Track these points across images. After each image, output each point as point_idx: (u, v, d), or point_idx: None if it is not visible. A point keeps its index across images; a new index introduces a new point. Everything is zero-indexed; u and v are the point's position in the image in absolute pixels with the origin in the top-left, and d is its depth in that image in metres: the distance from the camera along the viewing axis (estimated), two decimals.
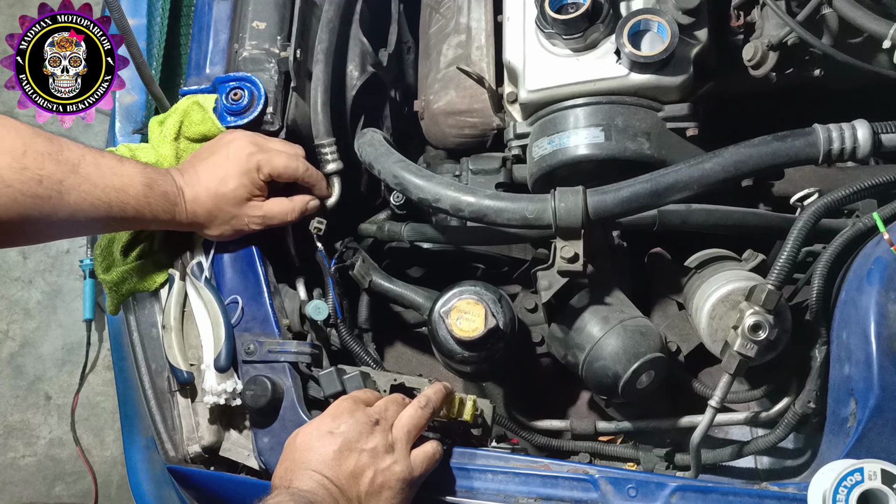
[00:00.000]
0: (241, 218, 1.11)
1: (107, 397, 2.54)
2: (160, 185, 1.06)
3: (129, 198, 1.03)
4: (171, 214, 1.08)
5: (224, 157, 1.12)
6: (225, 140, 1.14)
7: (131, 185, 1.03)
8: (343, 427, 0.93)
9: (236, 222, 1.12)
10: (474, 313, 1.06)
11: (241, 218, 1.11)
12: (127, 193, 1.02)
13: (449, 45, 1.39)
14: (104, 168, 1.01)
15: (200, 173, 1.10)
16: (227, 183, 1.10)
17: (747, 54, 1.15)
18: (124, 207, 1.02)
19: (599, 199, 1.00)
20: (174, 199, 1.08)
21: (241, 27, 1.26)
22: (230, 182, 1.10)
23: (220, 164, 1.11)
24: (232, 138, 1.14)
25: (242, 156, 1.11)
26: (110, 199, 1.01)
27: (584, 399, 1.28)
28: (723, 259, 1.16)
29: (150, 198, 1.05)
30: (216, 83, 1.21)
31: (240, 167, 1.11)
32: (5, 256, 2.71)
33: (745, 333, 0.95)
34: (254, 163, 1.11)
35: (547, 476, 0.98)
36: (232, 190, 1.10)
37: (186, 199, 1.09)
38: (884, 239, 0.93)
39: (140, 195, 1.04)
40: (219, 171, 1.10)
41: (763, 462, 1.20)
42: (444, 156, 1.44)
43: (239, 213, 1.11)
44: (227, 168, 1.11)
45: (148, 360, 1.16)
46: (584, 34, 1.11)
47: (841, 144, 0.98)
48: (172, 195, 1.07)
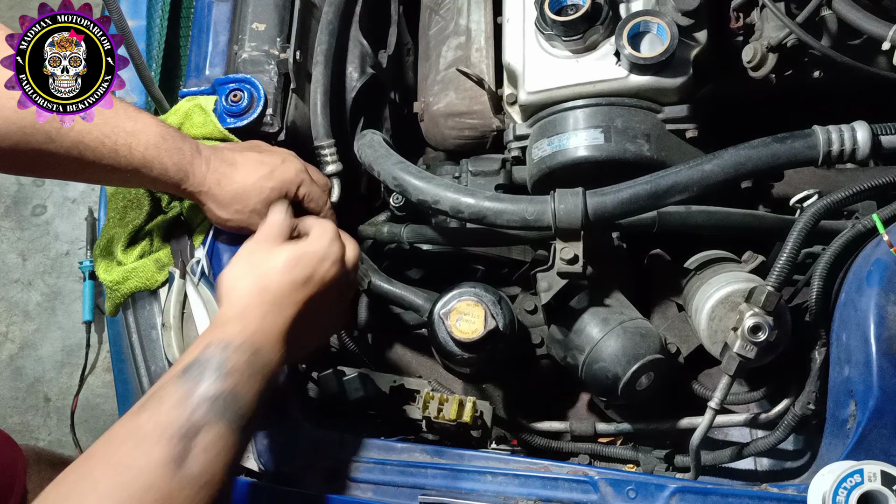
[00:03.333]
0: (260, 214, 1.08)
1: (106, 399, 2.53)
2: (176, 140, 1.03)
3: (139, 143, 0.99)
4: (183, 173, 1.04)
5: (277, 159, 1.12)
6: (275, 148, 1.16)
7: (144, 131, 1.00)
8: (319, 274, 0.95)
9: (253, 216, 1.09)
10: (474, 315, 1.06)
11: (260, 214, 1.08)
12: (136, 138, 0.99)
13: (448, 47, 1.39)
14: (119, 107, 0.98)
15: (241, 161, 1.09)
16: (269, 181, 1.08)
17: (747, 56, 1.15)
18: (131, 152, 0.99)
19: (599, 200, 1.00)
20: (190, 158, 1.04)
21: (241, 29, 1.26)
22: (272, 181, 1.09)
23: (269, 162, 1.11)
24: (283, 150, 1.16)
25: (293, 168, 1.12)
26: (117, 138, 0.97)
27: (584, 400, 1.28)
28: (722, 260, 1.16)
29: (162, 148, 1.01)
30: (216, 85, 1.21)
31: (286, 175, 1.10)
32: (5, 258, 2.72)
33: (745, 335, 0.95)
34: (299, 178, 1.12)
35: (546, 478, 0.98)
36: (269, 188, 1.08)
37: (211, 168, 1.06)
38: (883, 240, 0.93)
39: (151, 143, 1.00)
40: (264, 167, 1.10)
41: (763, 463, 1.19)
42: (443, 157, 1.44)
43: (261, 210, 1.08)
44: (275, 170, 1.10)
45: (147, 362, 1.15)
46: (584, 36, 1.11)
47: (840, 146, 0.98)
48: (189, 153, 1.04)
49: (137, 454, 0.75)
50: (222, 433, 0.79)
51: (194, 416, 0.78)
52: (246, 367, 0.84)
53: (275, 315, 0.90)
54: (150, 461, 0.75)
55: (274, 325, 0.89)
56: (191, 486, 0.75)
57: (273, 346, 0.88)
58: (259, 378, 0.85)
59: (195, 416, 0.78)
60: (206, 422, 0.78)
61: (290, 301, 0.91)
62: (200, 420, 0.78)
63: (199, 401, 0.79)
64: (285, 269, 0.93)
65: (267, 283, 0.91)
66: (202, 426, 0.78)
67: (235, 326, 0.87)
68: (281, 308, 0.90)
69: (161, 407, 0.79)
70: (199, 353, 0.84)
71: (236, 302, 0.90)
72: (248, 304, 0.89)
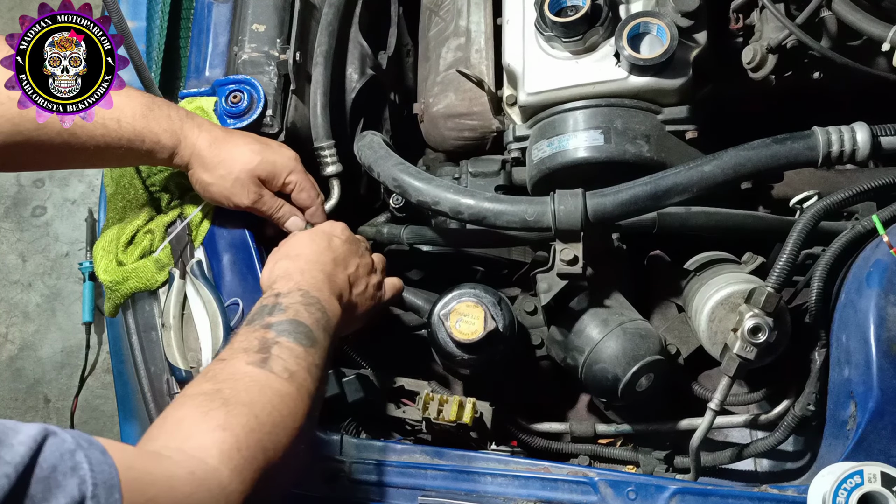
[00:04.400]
0: (243, 185, 1.10)
1: (106, 400, 2.53)
2: (163, 108, 1.05)
3: (126, 115, 1.01)
4: (175, 137, 1.06)
5: (271, 142, 1.16)
6: (274, 141, 1.19)
7: (129, 104, 1.02)
8: (336, 242, 1.07)
9: (236, 185, 1.10)
10: (474, 316, 1.06)
11: (243, 185, 1.10)
12: (123, 111, 1.00)
13: (448, 48, 1.39)
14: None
15: (237, 133, 1.14)
16: (260, 154, 1.11)
17: (746, 57, 1.15)
18: (120, 125, 1.01)
19: (599, 201, 1.00)
20: (180, 123, 1.06)
21: (241, 30, 1.26)
22: (263, 156, 1.12)
23: (265, 141, 1.15)
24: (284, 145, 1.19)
25: (287, 153, 1.16)
26: (104, 115, 0.99)
27: (584, 402, 1.28)
28: (722, 261, 1.16)
29: (150, 117, 1.03)
30: (215, 86, 1.21)
31: (278, 157, 1.14)
32: (4, 260, 2.71)
33: (745, 336, 0.95)
34: (291, 164, 1.14)
35: (546, 479, 0.98)
36: (259, 161, 1.11)
37: (203, 131, 1.08)
38: (883, 241, 0.93)
39: (138, 114, 1.02)
40: (258, 144, 1.13)
41: (763, 465, 1.19)
42: (443, 158, 1.44)
43: (245, 181, 1.10)
44: (268, 148, 1.14)
45: (147, 363, 1.15)
46: (584, 37, 1.11)
47: (840, 147, 0.98)
48: (177, 118, 1.06)
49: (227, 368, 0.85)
50: (291, 346, 0.88)
51: (266, 336, 0.88)
52: (300, 303, 0.94)
53: (312, 271, 1.01)
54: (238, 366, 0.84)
55: (313, 276, 1.00)
56: (280, 381, 0.84)
57: (319, 288, 0.99)
58: (314, 310, 0.94)
59: (266, 336, 0.88)
60: (276, 339, 0.88)
61: (320, 261, 1.03)
62: (271, 338, 0.88)
63: (265, 329, 0.90)
64: (307, 243, 1.06)
65: (297, 254, 1.04)
66: (273, 342, 0.88)
67: (282, 283, 0.98)
68: (314, 265, 1.02)
69: (233, 343, 0.89)
70: (258, 307, 0.95)
71: (278, 273, 1.01)
72: (287, 270, 1.01)
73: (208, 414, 0.77)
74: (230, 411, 0.77)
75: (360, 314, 1.08)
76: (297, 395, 0.84)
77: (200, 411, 0.77)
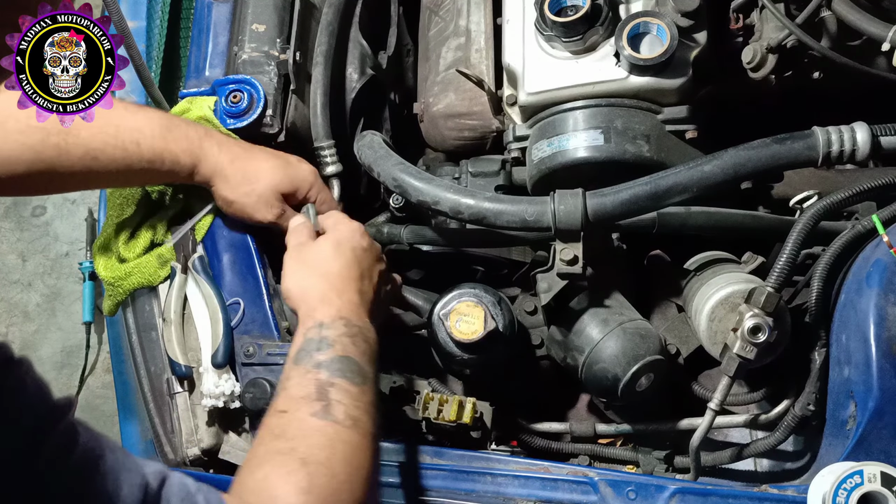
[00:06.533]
0: (267, 202, 1.10)
1: (106, 400, 2.53)
2: (181, 128, 1.06)
3: (145, 137, 1.02)
4: (195, 157, 1.06)
5: (291, 157, 1.16)
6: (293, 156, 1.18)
7: (148, 125, 1.03)
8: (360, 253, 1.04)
9: (259, 202, 1.10)
10: (474, 315, 1.06)
11: (267, 202, 1.10)
12: (142, 133, 1.02)
13: (448, 48, 1.39)
14: (119, 107, 1.01)
15: (257, 148, 1.13)
16: (282, 171, 1.12)
17: (746, 57, 1.15)
18: (140, 147, 1.02)
19: (599, 201, 1.00)
20: (199, 142, 1.07)
21: (241, 30, 1.26)
22: (285, 172, 1.12)
23: (285, 157, 1.15)
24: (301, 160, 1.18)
25: (308, 167, 1.16)
26: (123, 136, 1.00)
27: (584, 401, 1.28)
28: (722, 261, 1.16)
29: (169, 138, 1.04)
30: (215, 85, 1.21)
31: (300, 172, 1.14)
32: (4, 259, 2.71)
33: (745, 336, 0.95)
34: (311, 179, 1.15)
35: (546, 478, 0.98)
36: (281, 178, 1.11)
37: (223, 149, 1.08)
38: (883, 241, 0.93)
39: (157, 135, 1.03)
40: (279, 160, 1.13)
41: (763, 464, 1.19)
42: (443, 158, 1.44)
43: (268, 198, 1.10)
44: (290, 164, 1.14)
45: (147, 363, 1.15)
46: (584, 37, 1.11)
47: (840, 147, 0.98)
48: (197, 137, 1.07)
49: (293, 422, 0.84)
50: (347, 387, 0.88)
51: (319, 378, 0.88)
52: (345, 335, 0.93)
53: (347, 291, 0.99)
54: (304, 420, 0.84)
55: (350, 299, 0.98)
56: (346, 432, 0.84)
57: (358, 313, 0.98)
58: (359, 341, 0.94)
59: (320, 378, 0.88)
60: (330, 381, 0.87)
61: (350, 276, 1.01)
62: (326, 381, 0.87)
63: (317, 369, 0.89)
64: (335, 256, 1.02)
65: (327, 270, 1.00)
66: (329, 385, 0.87)
67: (322, 311, 0.96)
68: (348, 283, 1.00)
69: (290, 390, 0.88)
70: (302, 342, 0.93)
71: (314, 295, 0.98)
72: (323, 291, 0.98)
73: (290, 475, 0.78)
74: (311, 472, 0.79)
75: (379, 320, 1.07)
76: (364, 442, 0.86)
77: (284, 471, 0.79)
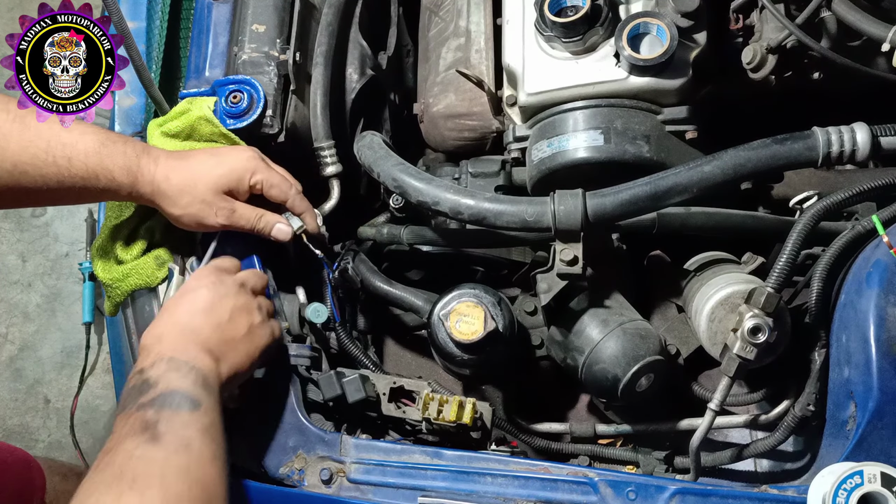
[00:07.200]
0: (210, 205, 1.06)
1: (106, 400, 2.53)
2: (118, 144, 1.01)
3: (78, 153, 0.98)
4: (132, 175, 1.02)
5: (226, 150, 1.12)
6: (233, 145, 1.15)
7: (81, 140, 0.98)
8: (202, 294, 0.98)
9: (203, 208, 1.06)
10: (473, 316, 1.06)
11: (210, 205, 1.06)
12: (75, 148, 0.97)
13: (448, 49, 1.39)
14: (53, 121, 0.96)
15: (192, 154, 1.09)
16: (217, 168, 1.07)
17: (746, 57, 1.15)
18: (71, 163, 0.97)
19: (599, 201, 1.00)
20: (136, 159, 1.02)
21: (241, 30, 1.26)
22: (220, 168, 1.07)
23: (219, 152, 1.11)
24: (241, 146, 1.15)
25: (244, 156, 1.11)
26: (55, 151, 0.96)
27: (584, 402, 1.28)
28: (722, 262, 1.16)
29: (104, 154, 0.99)
30: (215, 86, 1.21)
31: (236, 162, 1.09)
32: (4, 260, 2.71)
33: (745, 336, 0.95)
34: (252, 165, 1.10)
35: (546, 479, 0.98)
36: (217, 175, 1.07)
37: (159, 165, 1.04)
38: (883, 242, 0.93)
39: (91, 151, 0.98)
40: (213, 158, 1.09)
41: (762, 465, 1.19)
42: (443, 159, 1.44)
43: (211, 200, 1.07)
44: (224, 157, 1.10)
45: None
46: (584, 37, 1.11)
47: (840, 147, 0.98)
48: (133, 154, 1.02)
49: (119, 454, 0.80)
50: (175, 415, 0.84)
51: (145, 415, 0.83)
52: (169, 372, 0.88)
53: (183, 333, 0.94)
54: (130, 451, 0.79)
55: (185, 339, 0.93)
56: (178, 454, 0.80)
57: (189, 351, 0.92)
58: (187, 373, 0.89)
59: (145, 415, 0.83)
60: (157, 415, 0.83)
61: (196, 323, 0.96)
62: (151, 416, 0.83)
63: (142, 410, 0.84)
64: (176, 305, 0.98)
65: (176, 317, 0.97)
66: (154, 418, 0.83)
67: (141, 360, 0.92)
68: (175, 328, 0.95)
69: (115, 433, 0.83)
70: (126, 390, 0.88)
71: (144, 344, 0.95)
72: (149, 343, 0.94)
73: (121, 498, 0.75)
74: (141, 493, 0.75)
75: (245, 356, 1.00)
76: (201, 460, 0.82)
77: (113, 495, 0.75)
